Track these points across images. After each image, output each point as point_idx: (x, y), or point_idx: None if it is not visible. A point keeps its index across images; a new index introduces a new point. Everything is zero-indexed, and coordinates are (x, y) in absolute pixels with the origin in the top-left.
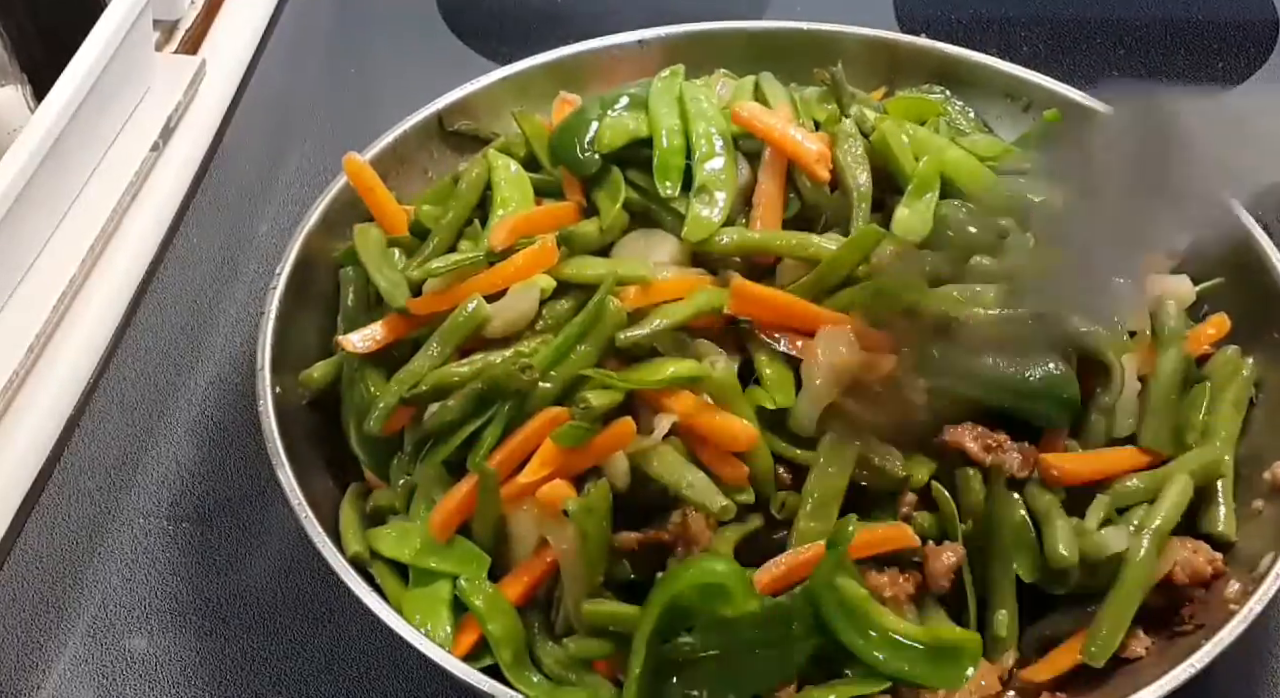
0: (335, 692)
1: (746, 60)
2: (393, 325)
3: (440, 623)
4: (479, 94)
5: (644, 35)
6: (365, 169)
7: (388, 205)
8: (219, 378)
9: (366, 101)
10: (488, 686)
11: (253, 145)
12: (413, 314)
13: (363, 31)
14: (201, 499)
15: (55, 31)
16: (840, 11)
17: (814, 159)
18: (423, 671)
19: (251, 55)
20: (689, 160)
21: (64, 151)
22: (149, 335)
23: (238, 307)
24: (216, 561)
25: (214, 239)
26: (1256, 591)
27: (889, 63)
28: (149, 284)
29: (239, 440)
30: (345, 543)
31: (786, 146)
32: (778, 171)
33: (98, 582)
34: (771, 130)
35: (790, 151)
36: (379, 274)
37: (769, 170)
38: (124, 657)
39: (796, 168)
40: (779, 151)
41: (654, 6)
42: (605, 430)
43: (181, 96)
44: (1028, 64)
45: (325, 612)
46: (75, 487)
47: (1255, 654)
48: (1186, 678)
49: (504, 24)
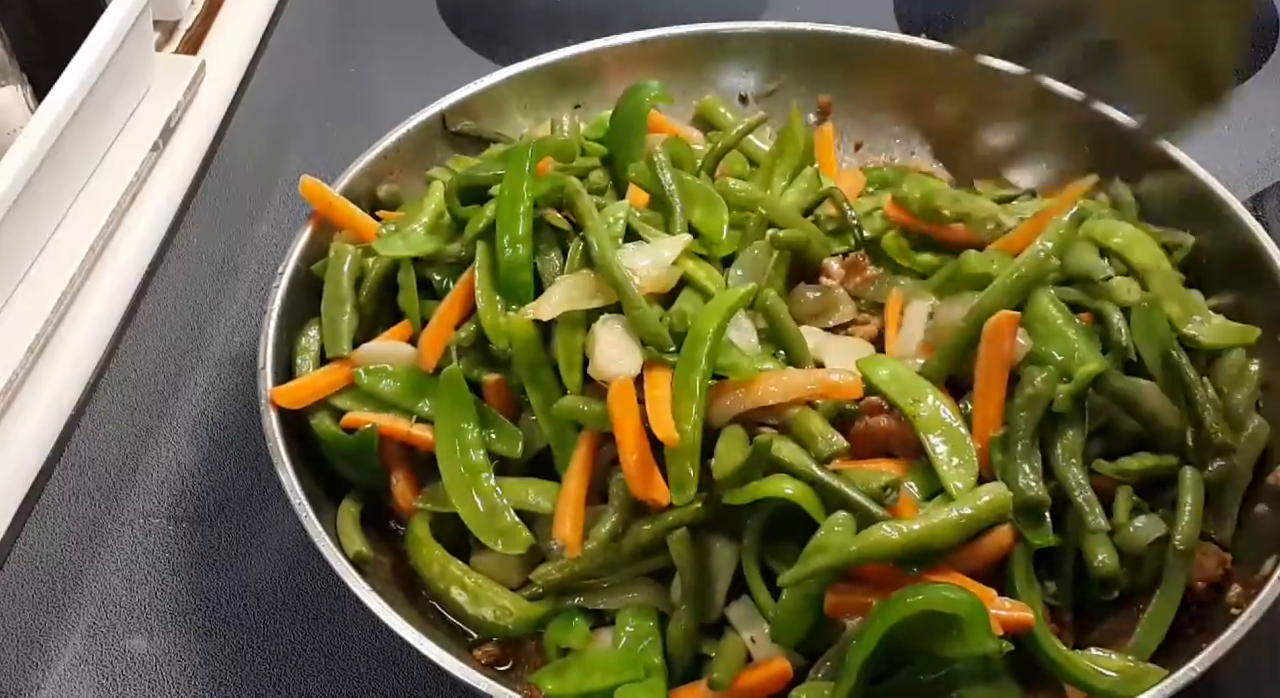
0: (335, 692)
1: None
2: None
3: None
4: (481, 95)
5: (646, 35)
6: (321, 189)
7: (353, 219)
8: (219, 378)
9: (366, 101)
10: (486, 686)
11: (253, 145)
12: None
13: (363, 31)
14: (201, 499)
15: (55, 31)
16: (840, 11)
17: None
18: (423, 671)
19: (251, 55)
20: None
21: (64, 152)
22: (149, 335)
23: (238, 307)
24: (216, 561)
25: (214, 239)
26: (1258, 595)
27: (891, 64)
28: (149, 284)
29: (239, 440)
30: (345, 543)
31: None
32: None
33: (98, 582)
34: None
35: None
36: (328, 324)
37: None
38: (124, 657)
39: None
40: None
41: (654, 6)
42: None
43: (181, 97)
44: None
45: (325, 612)
46: (75, 487)
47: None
48: (1188, 682)
49: (504, 24)
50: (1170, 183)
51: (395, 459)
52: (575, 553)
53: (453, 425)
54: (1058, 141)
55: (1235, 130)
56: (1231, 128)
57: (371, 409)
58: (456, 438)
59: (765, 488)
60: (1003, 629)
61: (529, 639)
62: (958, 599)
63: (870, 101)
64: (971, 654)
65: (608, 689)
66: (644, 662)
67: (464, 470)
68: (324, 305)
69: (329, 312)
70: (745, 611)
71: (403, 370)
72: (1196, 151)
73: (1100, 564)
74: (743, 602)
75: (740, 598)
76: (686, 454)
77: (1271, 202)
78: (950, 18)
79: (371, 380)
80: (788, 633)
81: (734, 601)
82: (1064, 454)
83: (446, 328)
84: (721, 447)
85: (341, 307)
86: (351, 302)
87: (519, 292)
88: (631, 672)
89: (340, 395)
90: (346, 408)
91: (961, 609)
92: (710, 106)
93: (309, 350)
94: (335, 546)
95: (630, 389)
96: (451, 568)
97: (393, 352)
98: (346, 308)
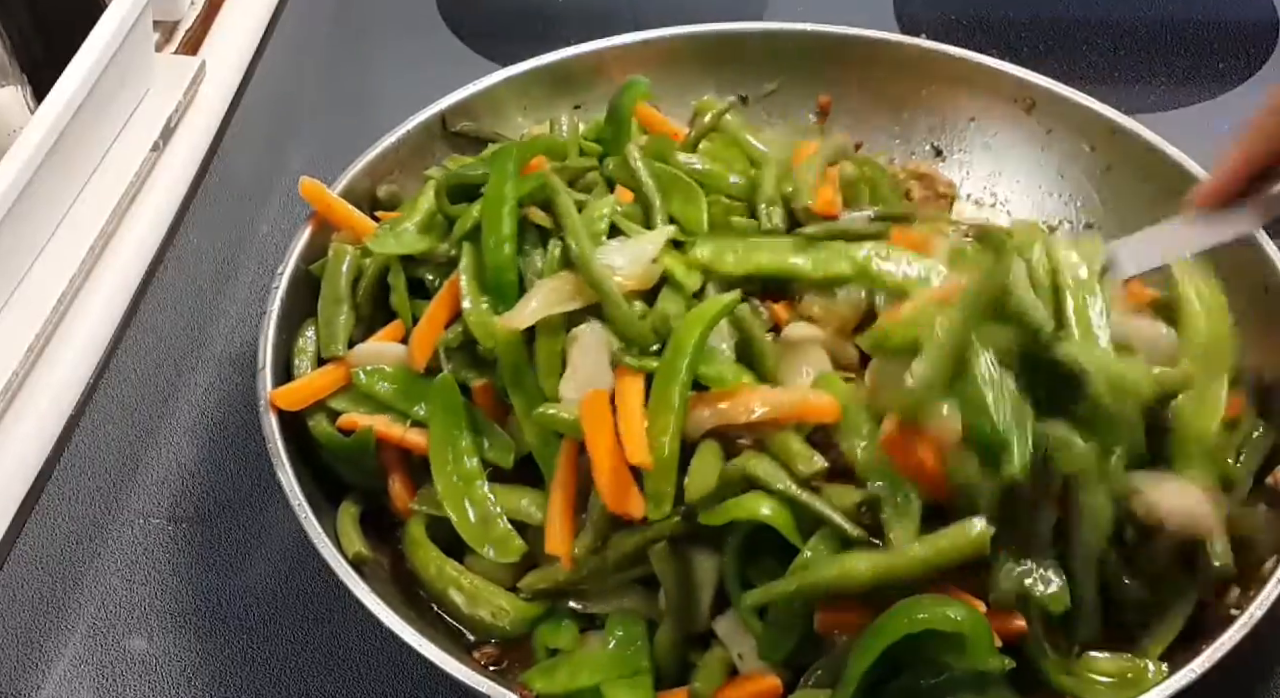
0: (335, 692)
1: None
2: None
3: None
4: (481, 95)
5: (646, 35)
6: (321, 190)
7: (351, 220)
8: (219, 378)
9: (366, 101)
10: (486, 686)
11: (253, 145)
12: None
13: (363, 31)
14: (201, 499)
15: (55, 31)
16: (840, 11)
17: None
18: (423, 671)
19: (251, 55)
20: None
21: (64, 152)
22: (149, 335)
23: (238, 307)
24: (216, 561)
25: (214, 239)
26: (1257, 596)
27: (891, 64)
28: (149, 284)
29: (239, 440)
30: (345, 543)
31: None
32: None
33: (98, 582)
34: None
35: None
36: (324, 325)
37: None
38: (124, 657)
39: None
40: None
41: (654, 6)
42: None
43: (181, 97)
44: (1027, 64)
45: (325, 612)
46: (75, 487)
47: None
48: (1186, 683)
49: (504, 24)
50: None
51: (392, 461)
52: (568, 566)
53: (445, 433)
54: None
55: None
56: (1231, 128)
57: (368, 411)
58: (449, 446)
59: (741, 508)
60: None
61: (527, 640)
62: (960, 618)
63: (870, 101)
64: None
65: (595, 687)
66: (632, 663)
67: (457, 479)
68: (320, 306)
69: (325, 312)
70: (732, 625)
71: (399, 372)
72: (1197, 151)
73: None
74: (729, 616)
75: (726, 612)
76: (664, 469)
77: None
78: (950, 18)
79: (370, 381)
80: (775, 650)
81: (721, 614)
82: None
83: (436, 328)
84: (696, 464)
85: (338, 307)
86: (348, 302)
87: (505, 291)
88: (619, 671)
89: (337, 397)
90: (343, 409)
91: (964, 627)
92: (710, 107)
93: (306, 351)
94: (335, 546)
95: (604, 401)
96: (448, 569)
97: (387, 352)
98: (343, 308)
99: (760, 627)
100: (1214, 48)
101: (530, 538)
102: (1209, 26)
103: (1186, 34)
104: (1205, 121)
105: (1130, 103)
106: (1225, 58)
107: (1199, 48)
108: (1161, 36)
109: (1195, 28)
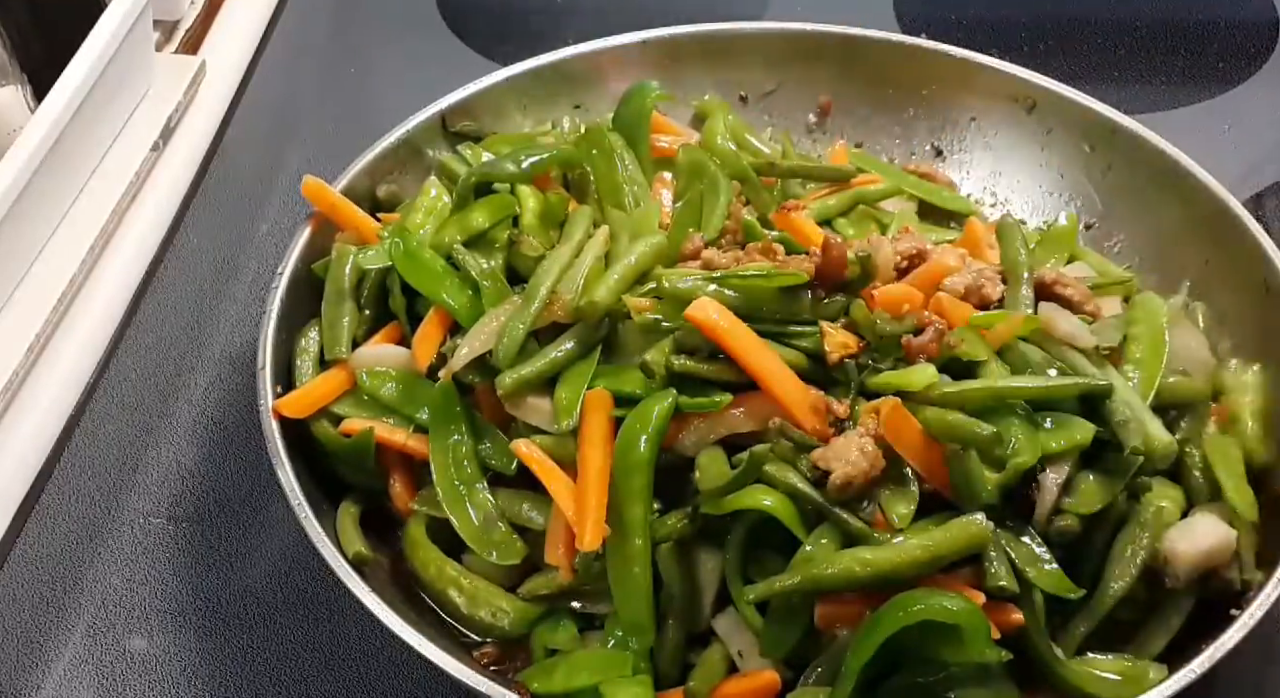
0: (335, 692)
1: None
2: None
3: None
4: (481, 95)
5: (646, 35)
6: (323, 189)
7: (354, 219)
8: (219, 378)
9: (366, 102)
10: (485, 686)
11: (253, 145)
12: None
13: (363, 31)
14: (201, 499)
15: (55, 31)
16: (840, 11)
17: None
18: (422, 671)
19: (251, 55)
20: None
21: (64, 152)
22: (149, 335)
23: (238, 307)
24: (216, 561)
25: (214, 239)
26: (1257, 597)
27: (891, 64)
28: (149, 284)
29: (239, 440)
30: (345, 543)
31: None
32: None
33: (98, 582)
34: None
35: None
36: (328, 327)
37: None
38: (124, 657)
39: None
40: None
41: (654, 6)
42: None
43: (181, 97)
44: (1027, 64)
45: (325, 612)
46: (75, 487)
47: (1255, 660)
48: (1186, 683)
49: (504, 24)
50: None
51: (393, 462)
52: (568, 577)
53: (447, 438)
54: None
55: (1235, 130)
56: (1231, 128)
57: (370, 414)
58: (450, 451)
59: (744, 499)
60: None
61: (526, 640)
62: (958, 610)
63: (870, 102)
64: (970, 662)
65: (593, 687)
66: (631, 663)
67: (458, 483)
68: (324, 306)
69: (329, 313)
70: (732, 622)
71: (403, 374)
72: (1197, 151)
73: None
74: (729, 614)
75: (726, 610)
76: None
77: (1271, 201)
78: (950, 18)
79: (374, 383)
80: (776, 645)
81: (720, 612)
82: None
83: (439, 329)
84: (704, 460)
85: (342, 308)
86: (352, 303)
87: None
88: (617, 671)
89: (340, 401)
90: (346, 413)
91: (961, 619)
92: (710, 107)
93: (308, 352)
94: (335, 546)
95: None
96: (448, 570)
97: (389, 354)
98: (347, 309)
99: (761, 623)
100: (1214, 48)
101: (531, 539)
102: (1209, 26)
103: (1186, 34)
104: (1205, 121)
105: (1130, 103)
106: (1225, 58)
107: (1199, 48)
108: (1161, 36)
109: (1195, 28)
